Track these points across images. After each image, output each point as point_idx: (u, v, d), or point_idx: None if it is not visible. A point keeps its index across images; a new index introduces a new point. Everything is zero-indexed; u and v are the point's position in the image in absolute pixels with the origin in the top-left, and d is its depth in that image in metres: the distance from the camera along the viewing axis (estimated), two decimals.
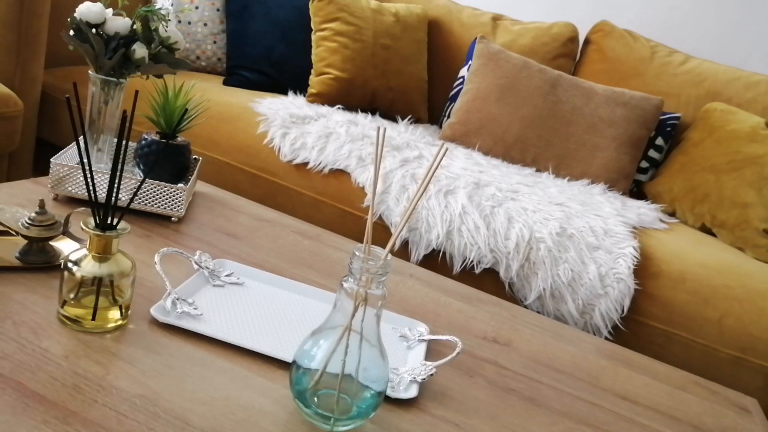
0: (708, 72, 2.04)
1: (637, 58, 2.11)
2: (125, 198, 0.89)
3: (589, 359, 0.90)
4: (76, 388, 0.53)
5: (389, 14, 2.06)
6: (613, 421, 0.74)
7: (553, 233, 1.38)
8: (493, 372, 0.78)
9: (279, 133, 1.58)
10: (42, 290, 0.66)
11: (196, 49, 2.07)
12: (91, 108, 1.01)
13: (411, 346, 0.77)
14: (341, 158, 1.52)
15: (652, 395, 0.84)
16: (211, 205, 1.08)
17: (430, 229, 1.40)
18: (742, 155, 1.70)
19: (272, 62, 2.04)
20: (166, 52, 1.01)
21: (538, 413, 0.71)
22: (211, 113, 1.60)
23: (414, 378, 0.67)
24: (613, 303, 1.34)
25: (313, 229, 1.12)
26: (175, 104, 0.99)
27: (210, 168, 1.60)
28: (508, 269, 1.37)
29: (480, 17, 2.26)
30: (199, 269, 0.79)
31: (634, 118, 1.88)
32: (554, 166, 1.86)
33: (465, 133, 1.89)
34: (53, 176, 0.91)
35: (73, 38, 0.95)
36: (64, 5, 1.63)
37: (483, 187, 1.49)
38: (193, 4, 2.04)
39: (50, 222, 0.72)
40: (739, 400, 0.92)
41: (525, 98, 1.89)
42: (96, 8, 0.94)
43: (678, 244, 1.50)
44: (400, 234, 0.56)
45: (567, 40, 2.17)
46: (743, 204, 1.62)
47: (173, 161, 1.00)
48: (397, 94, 2.03)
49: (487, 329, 0.90)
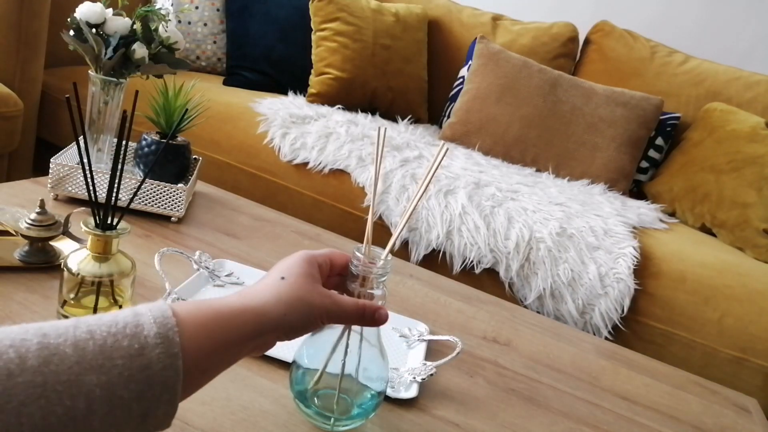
0: (708, 72, 2.04)
1: (637, 58, 2.11)
2: (125, 198, 0.89)
3: (589, 359, 0.90)
4: None
5: (389, 14, 2.06)
6: (613, 420, 0.74)
7: (553, 233, 1.38)
8: (493, 372, 0.78)
9: (279, 133, 1.58)
10: (42, 290, 0.66)
11: (196, 49, 2.07)
12: (91, 108, 1.01)
13: (411, 345, 0.77)
14: (341, 158, 1.52)
15: (651, 395, 0.84)
16: (211, 205, 1.08)
17: (430, 229, 1.40)
18: (742, 155, 1.70)
19: (272, 62, 2.04)
20: (166, 52, 1.01)
21: (538, 413, 0.71)
22: (211, 113, 1.60)
23: (414, 378, 0.67)
24: (613, 303, 1.34)
25: (313, 229, 1.12)
26: (175, 104, 0.99)
27: (210, 168, 1.60)
28: (508, 269, 1.37)
29: (480, 17, 2.26)
30: (199, 269, 0.79)
31: (634, 118, 1.88)
32: (554, 166, 1.86)
33: (465, 133, 1.89)
34: (53, 176, 0.91)
35: (73, 38, 0.95)
36: (64, 5, 1.63)
37: (483, 187, 1.49)
38: (193, 4, 2.04)
39: (50, 222, 0.72)
40: (739, 399, 0.92)
41: (525, 98, 1.89)
42: (96, 8, 0.94)
43: (678, 244, 1.50)
44: (400, 234, 0.55)
45: (567, 40, 2.18)
46: (743, 204, 1.62)
47: (173, 161, 1.00)
48: (397, 94, 2.03)
49: (487, 329, 0.90)
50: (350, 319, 0.50)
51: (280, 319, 0.44)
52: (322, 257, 0.51)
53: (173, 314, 0.37)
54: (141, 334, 0.35)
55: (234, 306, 0.42)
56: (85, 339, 0.33)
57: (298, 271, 0.47)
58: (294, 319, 0.45)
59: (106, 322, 0.35)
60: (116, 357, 0.34)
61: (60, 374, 0.32)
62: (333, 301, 0.48)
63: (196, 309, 0.40)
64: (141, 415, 0.34)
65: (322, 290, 0.48)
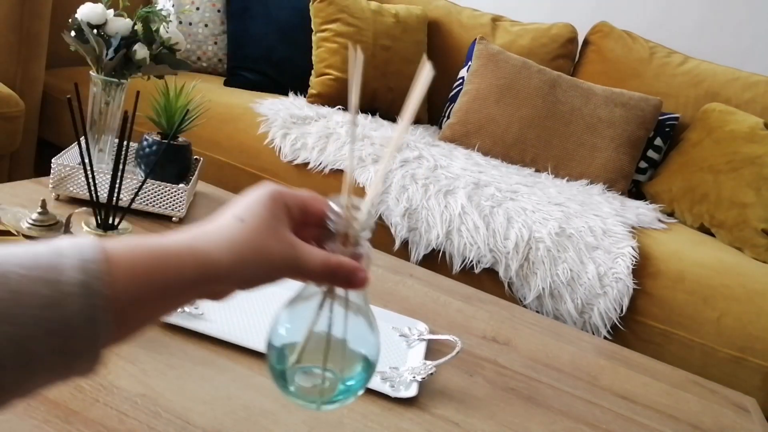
0: (707, 72, 2.04)
1: (635, 59, 2.11)
2: (126, 198, 0.90)
3: (588, 358, 0.90)
4: (77, 388, 0.53)
5: (389, 15, 2.06)
6: (612, 420, 0.75)
7: (552, 233, 1.39)
8: (492, 371, 0.78)
9: (279, 133, 1.58)
10: None
11: (197, 50, 2.07)
12: (93, 108, 1.01)
13: (411, 345, 0.78)
14: (341, 158, 1.53)
15: (650, 394, 0.85)
16: (212, 205, 1.08)
17: (430, 229, 1.40)
18: (740, 155, 1.71)
19: (273, 63, 2.04)
20: (167, 52, 1.01)
21: (538, 412, 0.71)
22: (212, 114, 1.59)
23: (414, 377, 0.67)
24: (611, 302, 1.35)
25: None
26: (176, 105, 0.99)
27: (211, 168, 1.61)
28: (508, 269, 1.38)
29: (479, 18, 2.26)
30: None
31: (633, 119, 1.88)
32: (553, 166, 1.86)
33: (464, 134, 1.89)
34: (54, 176, 0.92)
35: (75, 39, 0.96)
36: (65, 6, 1.63)
37: (482, 188, 1.49)
38: (194, 5, 2.05)
39: (52, 222, 0.73)
40: (738, 399, 0.92)
41: (524, 99, 1.89)
42: (97, 9, 0.95)
43: (677, 244, 1.51)
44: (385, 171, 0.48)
45: (566, 41, 2.18)
46: (742, 204, 1.62)
47: (174, 162, 1.00)
48: (397, 95, 2.04)
49: (487, 329, 0.90)
50: (318, 275, 0.42)
51: (229, 269, 0.38)
52: (293, 199, 0.42)
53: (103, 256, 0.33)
54: (60, 281, 0.31)
55: (174, 247, 0.36)
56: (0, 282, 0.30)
57: (259, 212, 0.40)
58: (247, 272, 0.39)
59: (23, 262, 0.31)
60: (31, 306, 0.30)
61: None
62: (297, 252, 0.40)
63: (132, 249, 0.35)
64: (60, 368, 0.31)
65: (285, 237, 0.40)
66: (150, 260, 0.35)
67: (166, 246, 0.36)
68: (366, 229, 0.45)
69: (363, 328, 0.49)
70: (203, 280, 0.37)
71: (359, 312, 0.48)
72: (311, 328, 0.47)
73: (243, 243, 0.38)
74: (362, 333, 0.49)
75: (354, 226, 0.44)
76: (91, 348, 0.32)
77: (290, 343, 0.48)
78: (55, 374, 0.31)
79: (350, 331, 0.48)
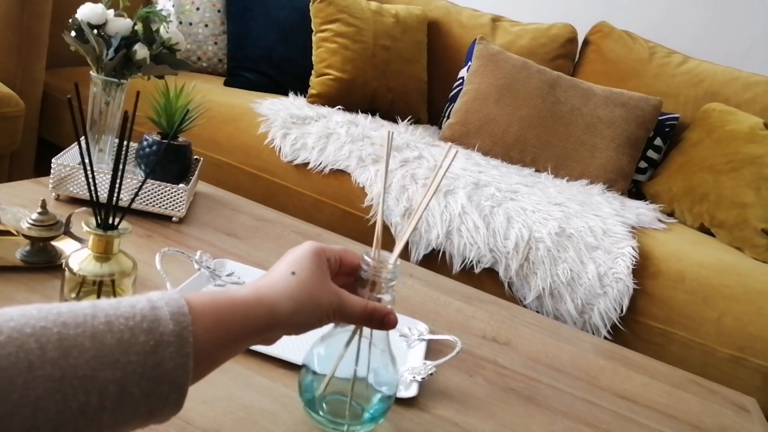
0: (706, 72, 2.05)
1: (635, 59, 2.11)
2: (126, 198, 0.90)
3: (588, 358, 0.90)
4: None
5: (389, 15, 2.06)
6: (612, 420, 0.75)
7: (552, 233, 1.39)
8: (492, 371, 0.78)
9: (280, 133, 1.58)
10: (43, 290, 0.67)
11: (197, 50, 2.07)
12: (93, 108, 1.01)
13: (411, 345, 0.78)
14: (341, 158, 1.53)
15: (650, 394, 0.85)
16: (212, 205, 1.08)
17: (430, 229, 1.40)
18: (740, 155, 1.71)
19: (273, 63, 2.05)
20: (167, 53, 1.01)
21: (538, 412, 0.71)
22: (212, 114, 1.60)
23: (414, 377, 0.67)
24: (612, 302, 1.35)
25: (313, 229, 1.13)
26: (177, 105, 0.99)
27: (211, 168, 1.61)
28: (508, 269, 1.38)
29: (479, 18, 2.26)
30: (199, 269, 0.79)
31: (633, 119, 1.88)
32: (553, 166, 1.86)
33: (464, 134, 1.90)
34: (54, 176, 0.92)
35: (75, 39, 0.96)
36: (65, 6, 1.63)
37: (482, 188, 1.49)
38: (194, 5, 2.05)
39: (52, 222, 0.73)
40: (738, 399, 0.92)
41: (524, 99, 1.89)
42: (98, 9, 0.95)
43: (677, 244, 1.51)
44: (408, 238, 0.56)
45: (566, 41, 2.18)
46: (742, 204, 1.62)
47: (174, 162, 1.00)
48: (397, 95, 2.04)
49: (487, 329, 0.90)
50: (358, 319, 0.49)
51: (290, 317, 0.44)
52: (332, 253, 0.50)
53: (188, 308, 0.37)
54: (157, 330, 0.35)
55: (248, 299, 0.42)
56: (103, 331, 0.33)
57: (308, 266, 0.46)
58: (302, 317, 0.45)
59: (123, 313, 0.35)
60: (132, 353, 0.33)
61: (78, 368, 0.31)
62: (342, 300, 0.47)
63: (212, 301, 0.40)
64: (147, 413, 0.35)
65: (331, 287, 0.47)
66: (226, 310, 0.40)
67: (239, 298, 0.42)
68: (393, 279, 0.53)
69: (385, 363, 0.56)
70: (269, 327, 0.43)
71: (381, 349, 0.56)
72: (338, 363, 0.54)
73: (299, 291, 0.45)
74: (384, 368, 0.56)
75: (383, 275, 0.52)
76: (176, 394, 0.36)
77: (321, 374, 0.55)
78: (138, 419, 0.34)
79: (373, 365, 0.55)
